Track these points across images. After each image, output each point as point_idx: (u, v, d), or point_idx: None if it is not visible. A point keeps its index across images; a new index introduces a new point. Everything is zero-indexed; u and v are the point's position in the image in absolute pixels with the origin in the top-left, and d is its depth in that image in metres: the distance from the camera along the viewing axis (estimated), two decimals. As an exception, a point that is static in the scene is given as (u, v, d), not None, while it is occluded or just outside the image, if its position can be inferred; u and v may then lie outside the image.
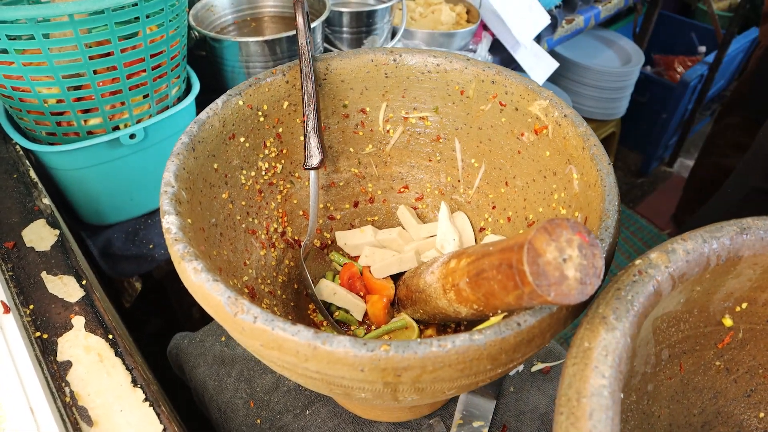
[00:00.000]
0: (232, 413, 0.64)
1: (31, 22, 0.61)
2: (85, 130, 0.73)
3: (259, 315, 0.36)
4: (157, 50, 0.73)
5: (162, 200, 0.43)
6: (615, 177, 0.44)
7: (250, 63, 0.91)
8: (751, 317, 0.44)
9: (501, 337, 0.34)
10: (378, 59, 0.60)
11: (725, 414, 0.47)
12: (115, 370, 0.52)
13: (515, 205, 0.60)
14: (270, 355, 0.38)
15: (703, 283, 0.40)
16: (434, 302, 0.48)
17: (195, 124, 0.51)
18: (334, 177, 0.67)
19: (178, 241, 0.41)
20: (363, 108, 0.63)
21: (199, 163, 0.50)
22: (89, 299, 0.57)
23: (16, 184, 0.71)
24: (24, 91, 0.68)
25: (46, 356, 0.52)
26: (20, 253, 0.61)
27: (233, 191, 0.56)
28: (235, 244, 0.55)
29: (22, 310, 0.55)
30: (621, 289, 0.34)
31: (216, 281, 0.38)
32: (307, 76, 0.57)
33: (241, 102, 0.55)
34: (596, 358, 0.31)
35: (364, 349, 0.34)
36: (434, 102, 0.62)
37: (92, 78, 0.68)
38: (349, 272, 0.63)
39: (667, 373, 0.44)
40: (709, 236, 0.38)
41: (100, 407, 0.49)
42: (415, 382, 0.35)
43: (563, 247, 0.31)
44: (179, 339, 0.74)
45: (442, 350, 0.34)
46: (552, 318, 0.35)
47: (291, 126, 0.61)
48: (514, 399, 0.64)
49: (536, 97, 0.54)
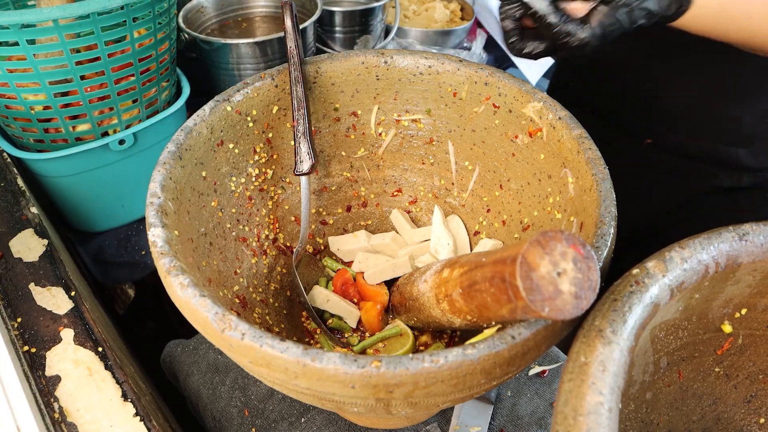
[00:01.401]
0: (227, 422, 0.64)
1: (15, 28, 0.59)
2: (74, 137, 0.72)
3: (246, 331, 0.35)
4: (146, 54, 0.71)
5: (148, 212, 0.42)
6: (611, 182, 0.43)
7: (241, 65, 0.90)
8: (750, 323, 0.43)
9: (495, 351, 0.33)
10: (369, 61, 0.59)
11: (725, 420, 0.46)
12: (105, 384, 0.51)
13: (510, 209, 0.59)
14: (259, 372, 0.37)
15: (702, 291, 0.39)
16: (428, 311, 0.47)
17: (182, 132, 0.49)
18: (326, 181, 0.66)
19: (164, 255, 0.40)
20: (354, 111, 0.62)
21: (187, 171, 0.49)
22: (78, 311, 0.56)
23: (4, 193, 0.70)
24: (10, 98, 0.67)
25: (34, 371, 0.51)
26: (7, 264, 0.60)
27: (222, 199, 0.55)
28: (226, 253, 0.54)
29: (10, 324, 0.54)
30: (618, 300, 0.33)
31: (203, 296, 0.37)
32: (297, 79, 0.55)
33: (230, 108, 0.54)
34: (593, 374, 0.30)
35: (354, 366, 0.33)
36: (427, 104, 0.61)
37: (79, 83, 0.67)
38: (342, 278, 0.62)
39: (666, 381, 0.44)
40: (707, 243, 0.37)
41: (89, 423, 0.48)
42: (408, 397, 0.34)
43: (557, 260, 0.30)
44: (172, 347, 0.73)
45: (434, 366, 0.33)
46: (547, 331, 0.35)
47: (281, 131, 0.60)
48: (512, 403, 0.63)
49: (530, 99, 0.53)
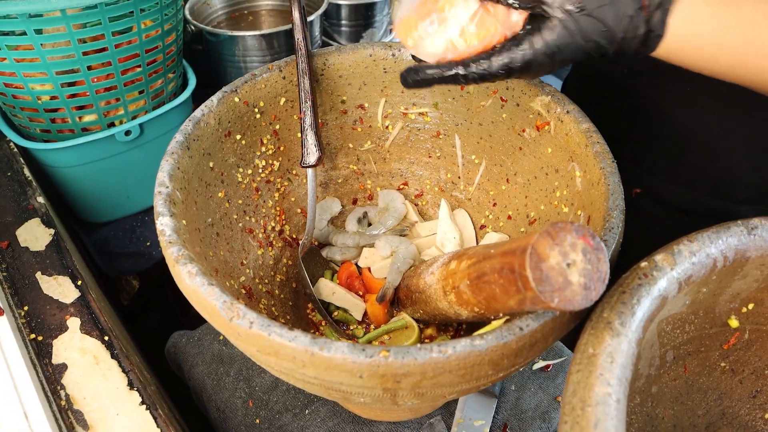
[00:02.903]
0: (231, 413, 0.64)
1: (23, 18, 0.59)
2: (80, 127, 0.72)
3: (255, 320, 0.35)
4: (152, 45, 0.71)
5: (156, 201, 0.43)
6: (620, 176, 0.43)
7: (247, 57, 0.90)
8: (757, 318, 0.43)
9: (503, 342, 0.33)
10: (376, 54, 0.59)
11: (730, 415, 0.46)
12: (111, 372, 0.51)
13: (516, 203, 0.59)
14: (267, 361, 0.37)
15: (710, 285, 0.39)
16: (434, 303, 0.47)
17: (190, 122, 0.49)
18: (333, 174, 0.66)
19: (172, 244, 0.40)
20: (361, 104, 0.62)
21: (195, 162, 0.49)
22: (85, 300, 0.57)
23: (10, 183, 0.70)
24: (17, 88, 0.67)
25: (41, 359, 0.51)
26: (14, 253, 0.61)
27: (230, 190, 0.55)
28: (232, 244, 0.54)
29: (17, 312, 0.55)
30: (626, 292, 0.33)
31: (211, 285, 0.37)
32: (304, 71, 0.55)
33: (237, 99, 0.54)
34: (601, 365, 0.30)
35: (362, 356, 0.33)
36: (434, 97, 0.61)
37: (86, 74, 0.67)
38: (348, 271, 0.62)
39: (672, 375, 0.44)
40: (715, 237, 0.37)
41: (96, 411, 0.48)
42: (415, 387, 0.35)
43: (567, 251, 0.30)
44: (177, 338, 0.73)
45: (442, 356, 0.33)
46: (555, 322, 0.35)
47: (288, 123, 0.60)
48: (516, 397, 0.63)
49: (538, 93, 0.53)
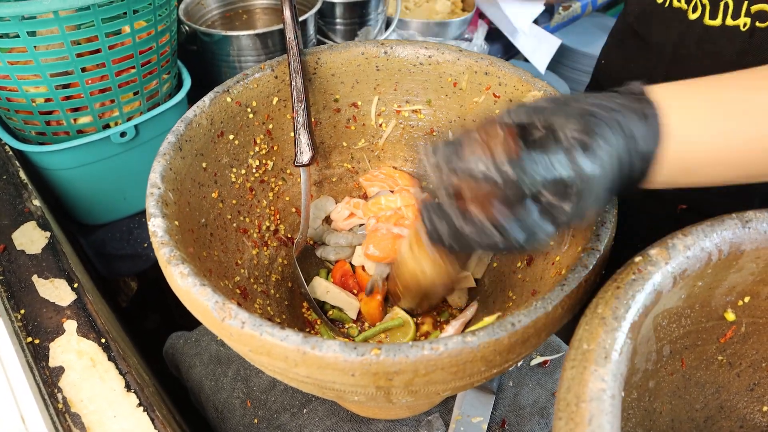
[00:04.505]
0: (229, 413, 0.64)
1: (15, 20, 0.59)
2: (75, 129, 0.72)
3: (247, 320, 0.35)
4: (146, 46, 0.71)
5: (148, 202, 0.42)
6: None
7: (242, 57, 0.89)
8: (753, 311, 0.43)
9: (495, 338, 0.33)
10: (369, 52, 0.59)
11: (728, 408, 0.46)
12: (108, 374, 0.51)
13: (512, 199, 0.58)
14: (260, 360, 0.37)
15: (705, 278, 0.39)
16: (405, 266, 0.49)
17: (182, 123, 0.49)
18: (327, 172, 0.65)
19: (164, 245, 0.40)
20: (354, 102, 0.62)
21: (187, 162, 0.49)
22: (81, 302, 0.57)
23: (6, 186, 0.70)
24: (11, 91, 0.67)
25: (37, 362, 0.51)
26: (10, 257, 0.61)
27: (223, 190, 0.55)
28: (226, 244, 0.54)
29: (13, 315, 0.55)
30: (620, 287, 0.33)
31: (203, 285, 0.37)
32: (296, 70, 0.55)
33: (230, 99, 0.54)
34: (595, 361, 0.30)
35: (354, 354, 0.33)
36: (427, 94, 0.61)
37: (80, 76, 0.67)
38: (342, 270, 0.62)
39: (669, 369, 0.44)
40: (710, 230, 0.36)
41: (93, 413, 0.48)
42: (408, 385, 0.34)
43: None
44: (175, 339, 0.73)
45: (434, 353, 0.33)
46: (547, 318, 0.34)
47: (281, 122, 0.60)
48: (513, 393, 0.63)
49: (530, 88, 0.53)
